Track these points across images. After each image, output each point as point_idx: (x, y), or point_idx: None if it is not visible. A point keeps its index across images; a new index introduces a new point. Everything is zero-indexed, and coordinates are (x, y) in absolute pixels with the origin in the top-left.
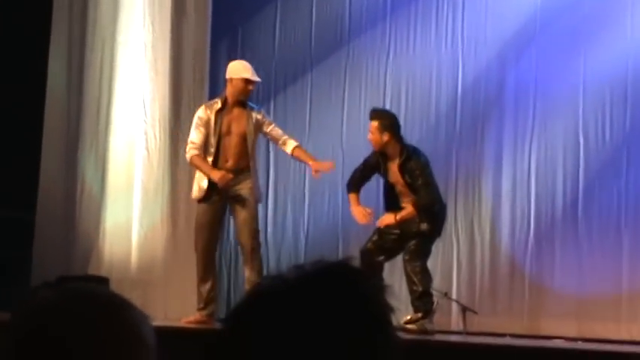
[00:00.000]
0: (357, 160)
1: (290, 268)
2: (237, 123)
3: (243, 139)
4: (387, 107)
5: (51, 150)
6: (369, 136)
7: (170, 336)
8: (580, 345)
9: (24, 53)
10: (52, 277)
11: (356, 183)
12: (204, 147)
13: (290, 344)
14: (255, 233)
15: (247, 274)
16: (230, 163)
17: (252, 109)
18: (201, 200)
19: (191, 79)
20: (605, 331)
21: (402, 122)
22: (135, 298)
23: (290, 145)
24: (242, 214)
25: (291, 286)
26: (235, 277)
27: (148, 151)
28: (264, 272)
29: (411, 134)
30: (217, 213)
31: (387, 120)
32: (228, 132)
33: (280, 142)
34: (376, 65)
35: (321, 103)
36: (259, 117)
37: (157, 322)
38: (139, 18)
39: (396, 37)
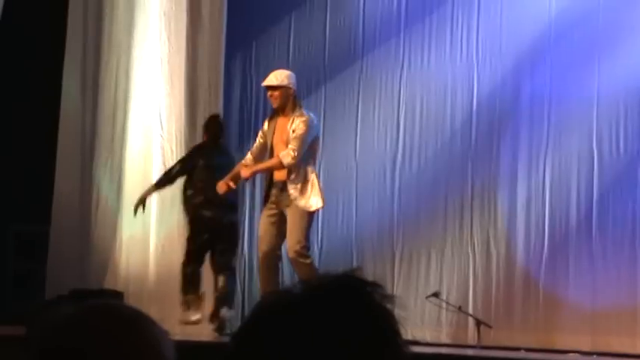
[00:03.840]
0: (371, 172)
1: (297, 282)
2: (281, 131)
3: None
4: (402, 121)
5: (65, 163)
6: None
7: (188, 351)
8: (595, 359)
9: (39, 67)
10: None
11: None
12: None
13: (298, 358)
14: (297, 244)
15: None
16: (281, 173)
17: (300, 115)
18: (262, 210)
19: (206, 93)
20: (620, 346)
21: (416, 136)
22: (152, 312)
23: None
24: (289, 224)
25: (298, 300)
26: (250, 288)
27: (164, 165)
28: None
29: (426, 148)
30: (274, 222)
31: None
32: (278, 141)
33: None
34: (390, 79)
35: (335, 117)
36: (299, 123)
37: (175, 336)
38: (154, 33)
39: (411, 50)
